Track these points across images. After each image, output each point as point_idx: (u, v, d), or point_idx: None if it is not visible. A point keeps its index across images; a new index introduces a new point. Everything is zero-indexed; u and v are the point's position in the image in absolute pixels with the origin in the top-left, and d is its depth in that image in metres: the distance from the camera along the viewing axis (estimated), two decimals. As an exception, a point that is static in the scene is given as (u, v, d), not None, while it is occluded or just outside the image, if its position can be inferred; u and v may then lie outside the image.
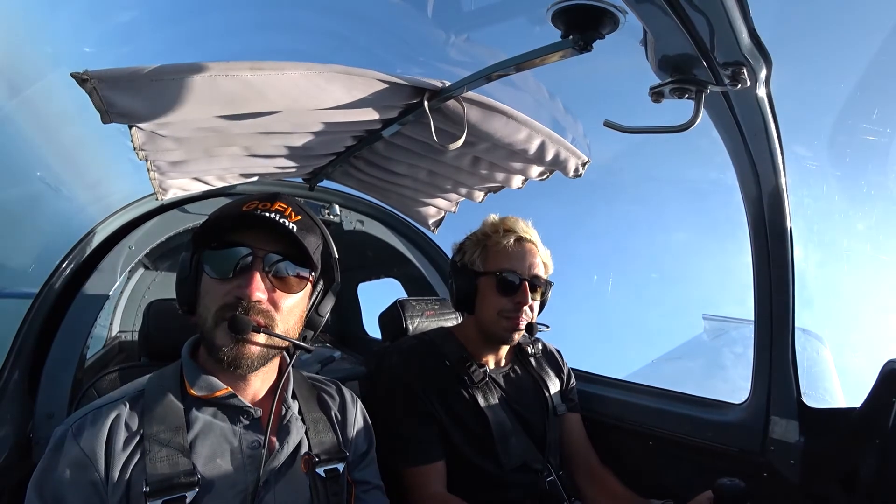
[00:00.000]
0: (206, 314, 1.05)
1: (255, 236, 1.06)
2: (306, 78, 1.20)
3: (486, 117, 1.47)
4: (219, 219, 1.10)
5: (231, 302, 1.03)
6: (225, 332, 1.02)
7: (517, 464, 1.60)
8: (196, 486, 0.97)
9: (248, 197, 1.11)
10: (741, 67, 1.02)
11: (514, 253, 1.63)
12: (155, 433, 1.00)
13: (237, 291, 1.03)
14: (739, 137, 1.33)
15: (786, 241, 1.58)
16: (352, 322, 4.23)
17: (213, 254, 1.06)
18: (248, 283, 1.02)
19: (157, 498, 0.94)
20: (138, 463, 0.97)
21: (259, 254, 1.05)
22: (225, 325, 1.02)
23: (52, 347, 1.71)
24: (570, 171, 1.74)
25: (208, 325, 1.04)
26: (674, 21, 0.87)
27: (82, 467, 0.94)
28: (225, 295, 1.03)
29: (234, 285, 1.04)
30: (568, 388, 1.90)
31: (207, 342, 1.06)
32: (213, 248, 1.06)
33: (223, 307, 1.03)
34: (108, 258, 1.88)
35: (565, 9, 0.96)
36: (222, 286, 1.04)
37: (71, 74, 1.01)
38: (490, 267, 1.63)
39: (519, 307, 1.60)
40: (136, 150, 1.36)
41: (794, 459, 1.62)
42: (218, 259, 1.05)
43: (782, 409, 1.66)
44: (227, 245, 1.05)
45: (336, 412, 1.28)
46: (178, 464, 0.98)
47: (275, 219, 1.05)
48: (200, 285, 1.08)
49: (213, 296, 1.04)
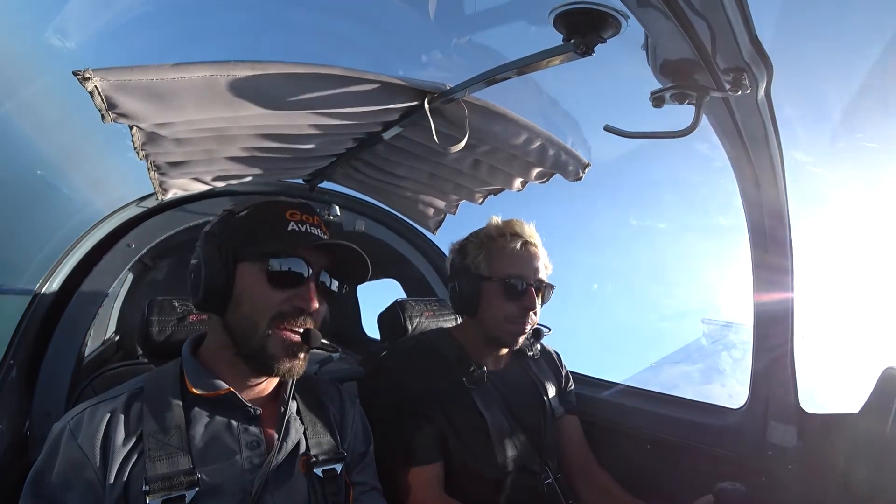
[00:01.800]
0: (256, 318, 1.07)
1: (307, 249, 1.12)
2: (308, 79, 1.20)
3: (486, 120, 1.47)
4: (268, 225, 1.12)
5: (288, 311, 1.07)
6: (281, 341, 1.06)
7: (515, 466, 1.59)
8: (195, 485, 0.97)
9: (286, 203, 1.16)
10: (742, 73, 1.03)
11: (521, 258, 1.62)
12: (154, 431, 1.00)
13: (297, 301, 1.08)
14: (739, 143, 1.34)
15: (785, 247, 1.58)
16: (350, 322, 4.23)
17: (276, 262, 1.08)
18: (308, 294, 1.09)
19: (157, 497, 0.94)
20: (137, 461, 0.97)
21: (315, 268, 1.12)
22: (279, 333, 1.06)
23: (50, 344, 1.71)
24: (570, 175, 1.75)
25: (260, 330, 1.06)
26: (675, 26, 0.87)
27: (79, 465, 0.94)
28: (282, 303, 1.07)
29: (292, 294, 1.08)
30: (566, 390, 1.90)
31: (254, 347, 1.07)
32: (277, 255, 1.08)
33: (279, 314, 1.07)
34: (107, 256, 1.88)
35: (567, 12, 0.96)
36: (278, 294, 1.07)
37: (73, 73, 1.00)
38: (496, 271, 1.62)
39: (526, 312, 1.60)
40: (136, 150, 1.36)
41: (791, 464, 1.63)
42: (279, 267, 1.08)
43: (780, 414, 1.67)
44: (288, 254, 1.09)
45: (334, 413, 1.28)
46: (178, 463, 0.98)
47: (323, 236, 1.14)
48: (240, 287, 1.09)
49: (267, 302, 1.07)
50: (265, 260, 1.07)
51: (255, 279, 1.08)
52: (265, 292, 1.07)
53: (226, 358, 1.11)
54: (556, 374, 1.89)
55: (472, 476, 1.57)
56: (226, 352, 1.10)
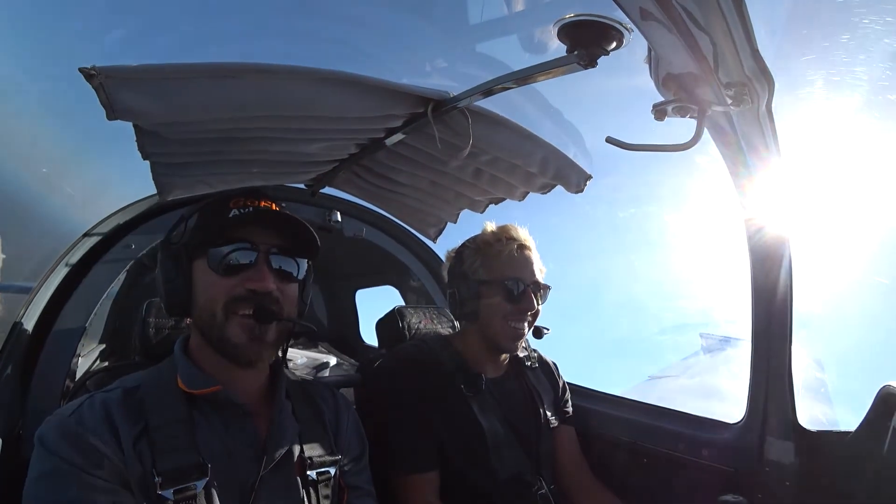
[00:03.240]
0: (213, 309, 1.07)
1: (252, 231, 1.10)
2: (313, 83, 1.21)
3: (490, 129, 1.48)
4: (211, 217, 1.12)
5: (241, 294, 1.07)
6: (239, 325, 1.06)
7: (510, 475, 1.59)
8: (206, 474, 0.97)
9: (231, 193, 1.16)
10: (744, 88, 1.03)
11: (517, 260, 1.64)
12: (159, 425, 1.00)
13: (248, 284, 1.07)
14: (741, 157, 1.34)
15: (785, 262, 1.58)
16: (348, 329, 4.22)
17: (216, 251, 1.08)
18: (258, 275, 1.08)
19: (169, 487, 0.94)
20: (146, 449, 0.96)
21: (262, 248, 1.10)
22: (237, 318, 1.06)
23: (46, 343, 1.70)
24: (572, 186, 1.75)
25: (218, 319, 1.06)
26: (678, 39, 0.88)
27: (95, 451, 0.92)
28: (233, 288, 1.07)
29: (242, 279, 1.07)
30: (562, 400, 1.89)
31: (216, 338, 1.07)
32: (218, 244, 1.08)
33: (233, 300, 1.06)
34: (107, 256, 1.88)
35: (571, 24, 0.97)
36: (228, 281, 1.07)
37: (79, 69, 1.01)
38: (494, 275, 1.64)
39: (524, 313, 1.62)
40: (139, 150, 1.36)
41: (789, 481, 1.61)
42: (222, 256, 1.07)
43: (778, 430, 1.66)
44: (230, 241, 1.08)
45: (329, 416, 1.28)
46: (186, 455, 0.98)
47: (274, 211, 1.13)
48: (196, 285, 1.10)
49: (218, 290, 1.07)
50: (208, 250, 1.08)
51: (206, 272, 1.09)
52: (215, 282, 1.08)
53: (209, 356, 1.11)
54: (552, 385, 1.89)
55: (467, 484, 1.56)
56: (206, 350, 1.11)
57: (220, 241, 1.08)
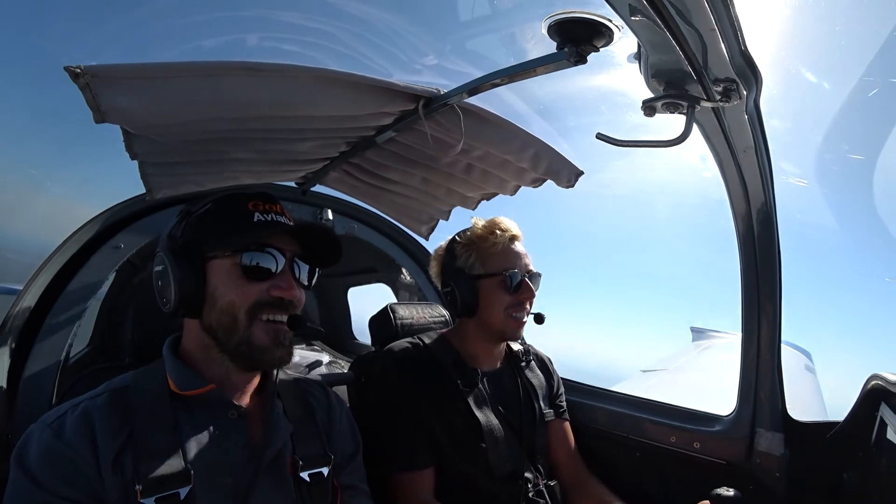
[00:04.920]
0: (234, 312, 1.06)
1: (279, 238, 1.12)
2: (302, 81, 1.20)
3: (480, 126, 1.47)
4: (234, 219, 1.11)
5: (267, 300, 1.07)
6: (264, 330, 1.07)
7: (506, 470, 1.60)
8: (189, 481, 0.96)
9: (246, 195, 1.14)
10: (732, 84, 1.04)
11: (511, 251, 1.68)
12: (143, 430, 0.98)
13: (275, 291, 1.08)
14: (729, 153, 1.35)
15: (774, 256, 1.60)
16: (341, 326, 4.21)
17: (248, 255, 1.08)
18: (286, 283, 1.10)
19: (151, 495, 0.93)
20: (128, 459, 0.95)
21: (288, 255, 1.13)
22: (262, 323, 1.07)
23: (34, 346, 1.68)
24: (563, 181, 1.75)
25: (241, 323, 1.06)
26: (667, 37, 0.88)
27: (72, 462, 0.91)
28: (260, 293, 1.07)
29: (269, 285, 1.08)
30: (556, 395, 1.90)
31: (238, 341, 1.06)
32: (251, 249, 1.08)
33: (258, 304, 1.07)
34: (95, 257, 1.85)
35: (561, 21, 0.97)
36: (254, 286, 1.08)
37: (64, 68, 0.99)
38: (491, 268, 1.66)
39: (524, 302, 1.67)
40: (127, 150, 1.34)
41: (779, 472, 1.64)
42: (253, 260, 1.08)
43: (768, 422, 1.68)
44: (260, 246, 1.09)
45: (321, 414, 1.27)
46: (171, 460, 0.97)
47: (289, 223, 1.15)
48: (213, 286, 1.08)
49: (243, 294, 1.06)
50: (237, 255, 1.07)
51: (229, 275, 1.07)
52: (241, 286, 1.07)
53: (208, 356, 1.09)
54: (547, 379, 1.90)
55: (463, 480, 1.57)
56: (208, 351, 1.09)
57: (251, 246, 1.08)
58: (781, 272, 1.62)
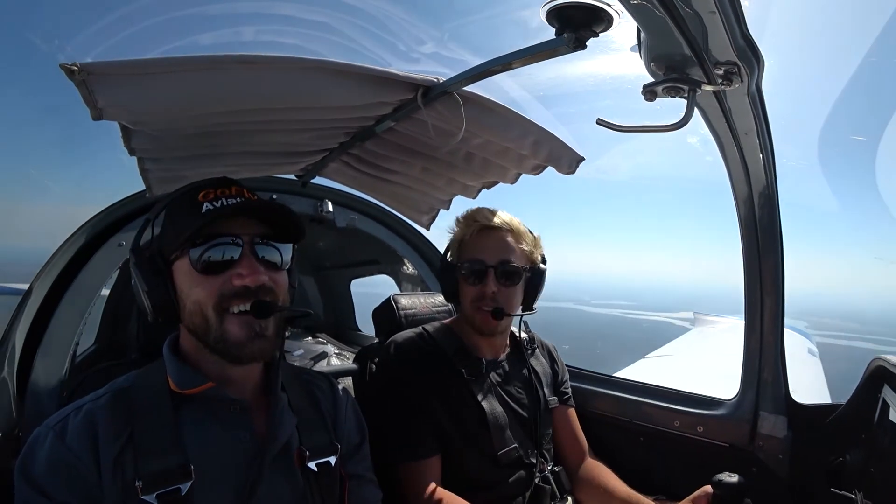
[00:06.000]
0: (203, 311, 1.03)
1: (231, 223, 1.05)
2: (299, 72, 1.19)
3: (480, 113, 1.46)
4: (183, 215, 1.07)
5: (231, 291, 1.02)
6: (237, 323, 1.02)
7: (512, 458, 1.61)
8: (190, 476, 0.96)
9: (199, 185, 1.10)
10: (734, 67, 1.03)
11: (479, 242, 1.67)
12: (144, 429, 0.98)
13: (239, 280, 1.02)
14: (731, 136, 1.34)
15: (776, 240, 1.60)
16: (345, 318, 4.23)
17: (196, 250, 1.02)
18: (248, 269, 1.03)
19: (151, 491, 0.93)
20: (129, 459, 0.95)
21: (245, 239, 1.05)
22: (233, 316, 1.02)
23: (41, 344, 1.69)
24: (564, 168, 1.74)
25: (212, 321, 1.02)
26: (667, 20, 0.87)
27: (72, 466, 0.92)
28: (222, 285, 1.02)
29: (230, 275, 1.03)
30: (561, 383, 1.91)
31: (214, 339, 1.03)
32: (197, 243, 1.02)
33: (223, 297, 1.02)
34: (98, 254, 1.86)
35: (560, 7, 0.96)
36: (214, 279, 1.03)
37: (60, 66, 0.98)
38: (461, 258, 1.69)
39: (484, 295, 1.62)
40: (125, 146, 1.34)
41: (782, 454, 1.65)
42: (203, 254, 1.02)
43: (771, 405, 1.69)
44: (209, 237, 1.03)
45: (326, 405, 1.27)
46: (170, 458, 0.97)
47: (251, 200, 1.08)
48: (180, 289, 1.06)
49: (205, 291, 1.02)
50: (188, 251, 1.03)
51: (189, 274, 1.03)
52: (201, 283, 1.03)
53: (202, 355, 1.08)
54: (552, 367, 1.91)
55: (469, 468, 1.58)
56: (200, 350, 1.08)
57: (198, 240, 1.02)
58: (783, 255, 1.61)
